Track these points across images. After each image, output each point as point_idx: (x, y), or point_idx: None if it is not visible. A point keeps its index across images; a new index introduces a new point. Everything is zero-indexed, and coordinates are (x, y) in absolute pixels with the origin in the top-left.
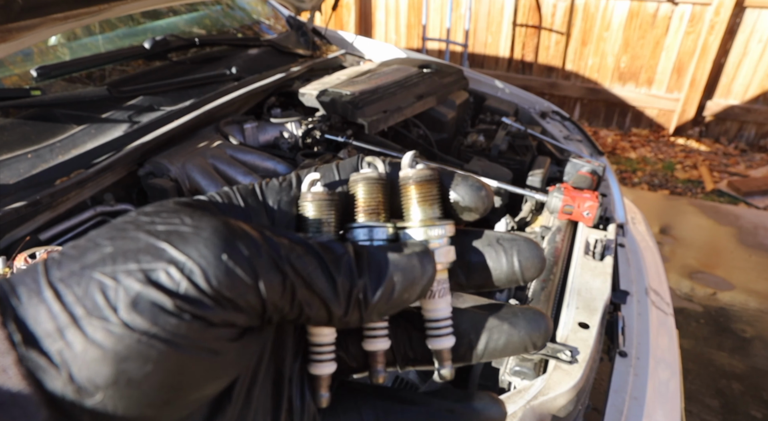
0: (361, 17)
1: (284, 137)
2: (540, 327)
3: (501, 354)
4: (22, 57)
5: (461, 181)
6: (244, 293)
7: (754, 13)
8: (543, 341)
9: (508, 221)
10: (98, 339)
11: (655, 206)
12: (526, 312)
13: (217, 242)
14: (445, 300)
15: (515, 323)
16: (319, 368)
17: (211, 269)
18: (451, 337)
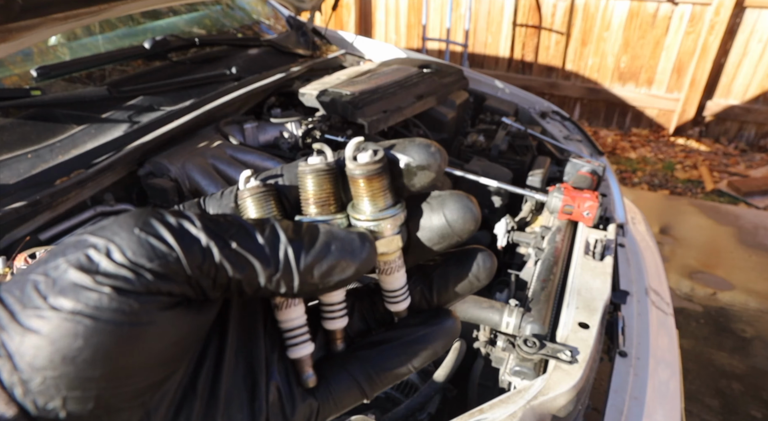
0: (361, 17)
1: (284, 137)
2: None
3: (450, 280)
4: (22, 57)
5: (408, 144)
6: (162, 259)
7: (754, 13)
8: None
9: (508, 221)
10: (33, 326)
11: (655, 206)
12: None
13: (130, 220)
14: (399, 274)
15: (461, 260)
16: (296, 351)
17: (125, 243)
18: (407, 300)
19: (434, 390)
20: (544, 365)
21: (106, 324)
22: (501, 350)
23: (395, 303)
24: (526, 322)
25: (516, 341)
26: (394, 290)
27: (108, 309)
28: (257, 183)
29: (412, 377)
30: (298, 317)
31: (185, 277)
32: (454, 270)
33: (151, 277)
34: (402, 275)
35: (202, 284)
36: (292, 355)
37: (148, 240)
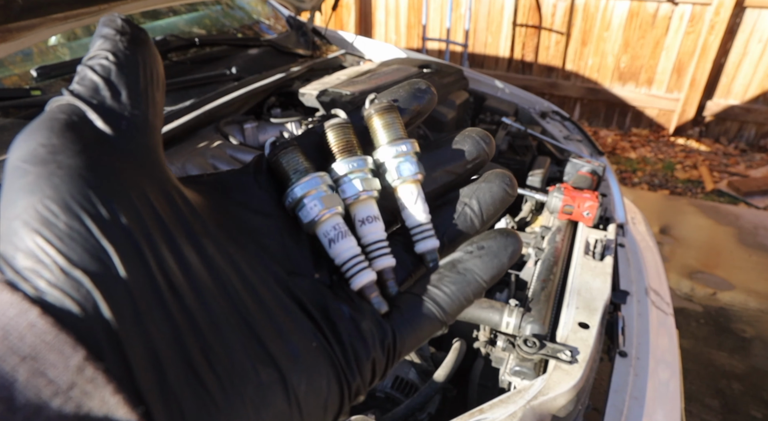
0: (361, 17)
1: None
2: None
3: (490, 209)
4: (22, 57)
5: (405, 86)
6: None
7: (754, 13)
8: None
9: (508, 220)
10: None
11: (655, 206)
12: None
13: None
14: (421, 204)
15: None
16: (360, 279)
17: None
18: (434, 238)
19: (434, 390)
20: (544, 365)
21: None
22: (501, 350)
23: (423, 239)
24: (526, 322)
25: (516, 341)
26: (420, 225)
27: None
28: (288, 140)
29: (412, 377)
30: (352, 246)
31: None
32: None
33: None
34: (425, 206)
35: None
36: (356, 285)
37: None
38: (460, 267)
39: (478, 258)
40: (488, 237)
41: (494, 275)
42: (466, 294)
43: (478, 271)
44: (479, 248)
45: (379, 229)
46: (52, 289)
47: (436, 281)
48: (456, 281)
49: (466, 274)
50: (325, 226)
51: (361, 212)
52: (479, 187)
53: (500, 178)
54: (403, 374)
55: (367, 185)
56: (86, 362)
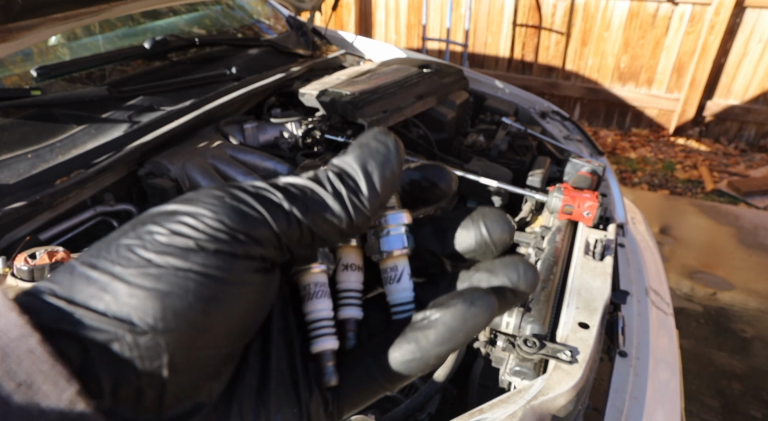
0: (361, 17)
1: (284, 137)
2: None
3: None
4: (22, 57)
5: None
6: (253, 224)
7: (754, 13)
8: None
9: None
10: (140, 283)
11: (655, 206)
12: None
13: (217, 192)
14: (407, 282)
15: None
16: (321, 344)
17: (220, 210)
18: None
19: (434, 390)
20: (544, 365)
21: (215, 281)
22: (501, 350)
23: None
24: (526, 322)
25: (516, 341)
26: (402, 304)
27: (215, 268)
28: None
29: None
30: (326, 309)
31: (276, 241)
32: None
33: (246, 239)
34: (410, 286)
35: (290, 247)
36: (315, 348)
37: (240, 207)
38: (412, 335)
39: (428, 329)
40: (450, 299)
41: (446, 350)
42: (411, 368)
43: (425, 343)
44: (434, 316)
45: (357, 279)
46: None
47: (382, 346)
48: (398, 350)
49: (412, 345)
50: (306, 279)
51: (346, 258)
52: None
53: (520, 268)
54: None
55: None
56: (78, 396)
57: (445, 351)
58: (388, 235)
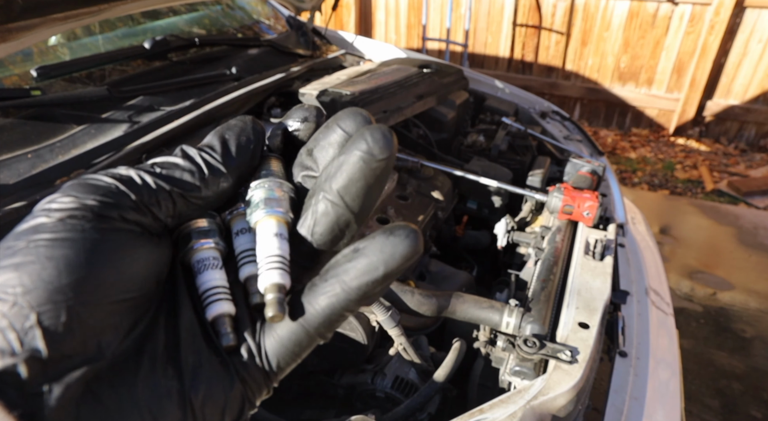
0: (361, 17)
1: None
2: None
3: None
4: (22, 57)
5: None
6: (102, 191)
7: (754, 13)
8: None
9: (508, 220)
10: (2, 264)
11: (655, 206)
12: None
13: (77, 179)
14: (276, 242)
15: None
16: (214, 309)
17: (73, 190)
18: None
19: (434, 390)
20: (544, 365)
21: (64, 241)
22: (501, 350)
23: (268, 270)
24: (526, 322)
25: (516, 341)
26: (269, 256)
27: (63, 230)
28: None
29: (412, 377)
30: (212, 279)
31: (131, 202)
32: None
33: (96, 204)
34: (281, 243)
35: (151, 209)
36: (209, 315)
37: (90, 183)
38: (330, 274)
39: (348, 263)
40: (369, 237)
41: (366, 282)
42: (332, 306)
43: (346, 278)
44: (353, 251)
45: (247, 240)
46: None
47: (307, 291)
48: (323, 292)
49: (333, 283)
50: (196, 256)
51: (236, 225)
52: (333, 167)
53: (355, 146)
54: (403, 374)
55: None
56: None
57: (366, 284)
58: (251, 203)
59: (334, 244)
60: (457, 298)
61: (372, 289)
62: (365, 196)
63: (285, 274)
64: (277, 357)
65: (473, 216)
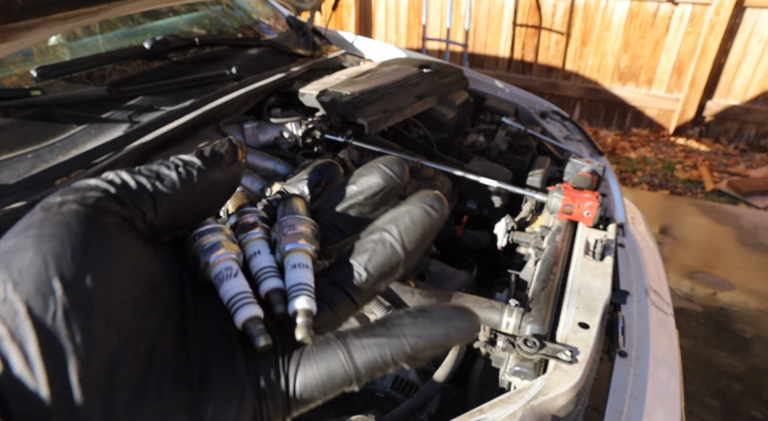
0: (361, 17)
1: (284, 137)
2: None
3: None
4: (22, 57)
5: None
6: (83, 190)
7: (754, 13)
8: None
9: (508, 220)
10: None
11: (655, 206)
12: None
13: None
14: (306, 272)
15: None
16: (243, 313)
17: (63, 192)
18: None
19: (434, 390)
20: (544, 365)
21: (51, 236)
22: (501, 350)
23: (296, 296)
24: (526, 322)
25: (516, 341)
26: (297, 284)
27: (50, 226)
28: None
29: (412, 377)
30: (241, 284)
31: (116, 199)
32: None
33: (81, 201)
34: (309, 273)
35: (138, 206)
36: (238, 321)
37: (77, 184)
38: (390, 323)
39: (413, 319)
40: (437, 305)
41: (423, 343)
42: (383, 352)
43: (407, 332)
44: (419, 311)
45: (265, 260)
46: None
47: (359, 330)
48: (378, 335)
49: (392, 330)
50: (215, 269)
51: (252, 247)
52: (397, 213)
53: (421, 200)
54: (403, 374)
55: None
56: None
57: (423, 345)
58: (279, 238)
59: (377, 284)
60: (457, 298)
61: (425, 352)
62: (419, 243)
63: (313, 301)
64: (305, 384)
65: (473, 216)
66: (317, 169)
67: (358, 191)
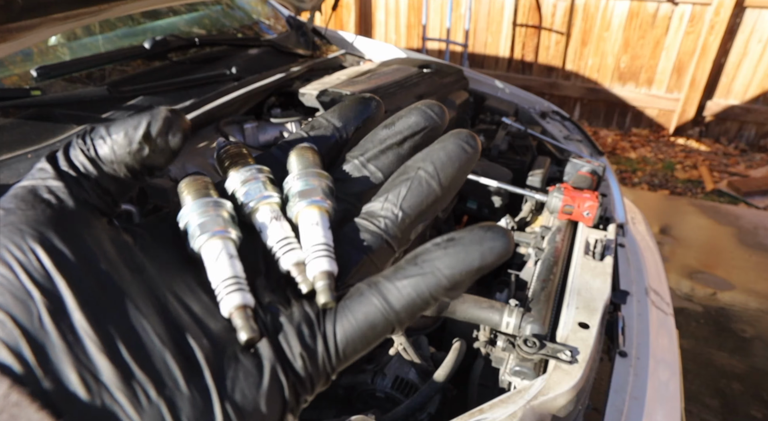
0: (361, 17)
1: (284, 137)
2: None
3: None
4: (22, 57)
5: (349, 99)
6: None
7: (754, 13)
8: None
9: (508, 220)
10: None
11: (655, 206)
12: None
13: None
14: (320, 230)
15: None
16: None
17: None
18: (329, 260)
19: (434, 390)
20: (544, 365)
21: (7, 211)
22: (501, 350)
23: (316, 258)
24: (526, 322)
25: (516, 341)
26: (316, 244)
27: (8, 203)
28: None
29: (412, 377)
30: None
31: (56, 176)
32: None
33: (29, 183)
34: (326, 232)
35: (81, 181)
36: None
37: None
38: (420, 259)
39: (443, 250)
40: (464, 229)
41: (460, 271)
42: (419, 290)
43: (439, 264)
44: (448, 240)
45: (280, 228)
46: None
47: (389, 272)
48: (409, 274)
49: (424, 266)
50: (206, 247)
51: (262, 214)
52: (432, 149)
53: (455, 136)
54: (403, 374)
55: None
56: (11, 389)
57: (460, 273)
58: (288, 195)
59: (413, 225)
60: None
61: (463, 279)
62: (455, 179)
63: (333, 261)
64: (346, 339)
65: (473, 216)
66: (358, 103)
67: (397, 131)
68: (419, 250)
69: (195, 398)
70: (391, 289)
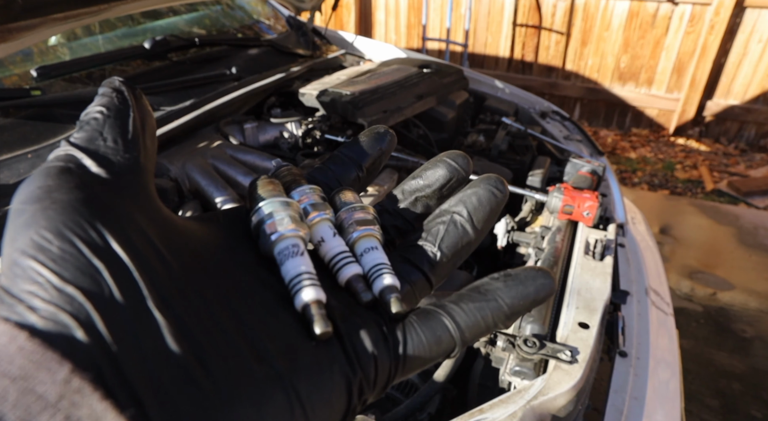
0: (361, 17)
1: (284, 137)
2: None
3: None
4: (22, 57)
5: (366, 133)
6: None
7: (754, 13)
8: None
9: (508, 221)
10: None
11: (655, 206)
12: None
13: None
14: (378, 252)
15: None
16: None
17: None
18: (392, 276)
19: (434, 390)
20: (544, 365)
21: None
22: (501, 350)
23: (380, 275)
24: (526, 322)
25: (516, 341)
26: (376, 264)
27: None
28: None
29: (412, 377)
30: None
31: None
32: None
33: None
34: (382, 254)
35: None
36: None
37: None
38: (482, 289)
39: (502, 282)
40: (518, 269)
41: (518, 301)
42: (484, 313)
43: (500, 294)
44: (505, 276)
45: (339, 244)
46: (46, 305)
47: (454, 298)
48: (475, 300)
49: (487, 294)
50: (278, 246)
51: (320, 229)
52: (464, 195)
53: (485, 182)
54: None
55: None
56: (72, 373)
57: (518, 305)
58: (343, 225)
59: (449, 264)
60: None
61: (520, 310)
62: (487, 222)
63: (396, 279)
64: (413, 351)
65: None
66: (373, 137)
67: (425, 184)
68: (479, 282)
69: (262, 386)
70: (458, 311)
